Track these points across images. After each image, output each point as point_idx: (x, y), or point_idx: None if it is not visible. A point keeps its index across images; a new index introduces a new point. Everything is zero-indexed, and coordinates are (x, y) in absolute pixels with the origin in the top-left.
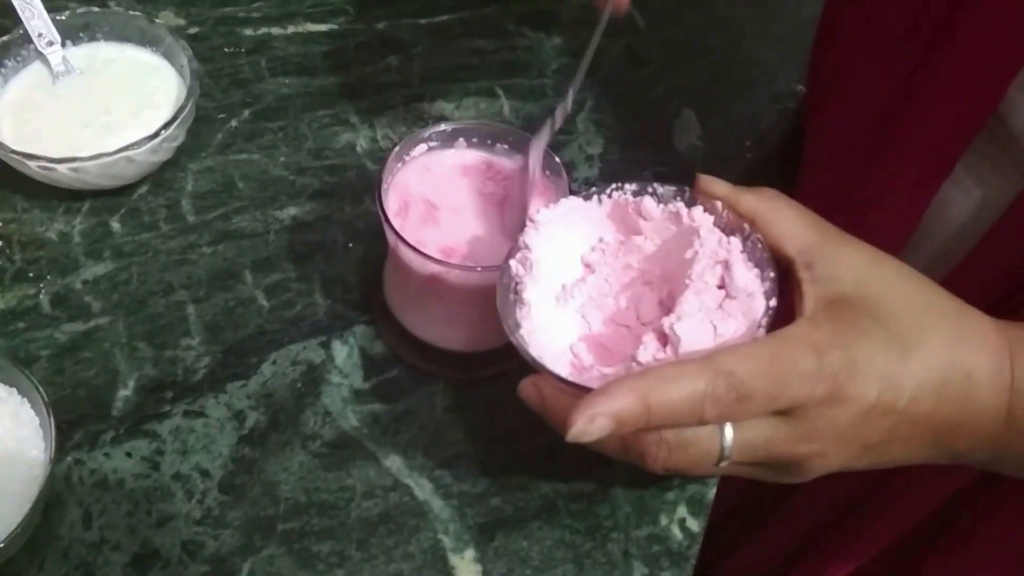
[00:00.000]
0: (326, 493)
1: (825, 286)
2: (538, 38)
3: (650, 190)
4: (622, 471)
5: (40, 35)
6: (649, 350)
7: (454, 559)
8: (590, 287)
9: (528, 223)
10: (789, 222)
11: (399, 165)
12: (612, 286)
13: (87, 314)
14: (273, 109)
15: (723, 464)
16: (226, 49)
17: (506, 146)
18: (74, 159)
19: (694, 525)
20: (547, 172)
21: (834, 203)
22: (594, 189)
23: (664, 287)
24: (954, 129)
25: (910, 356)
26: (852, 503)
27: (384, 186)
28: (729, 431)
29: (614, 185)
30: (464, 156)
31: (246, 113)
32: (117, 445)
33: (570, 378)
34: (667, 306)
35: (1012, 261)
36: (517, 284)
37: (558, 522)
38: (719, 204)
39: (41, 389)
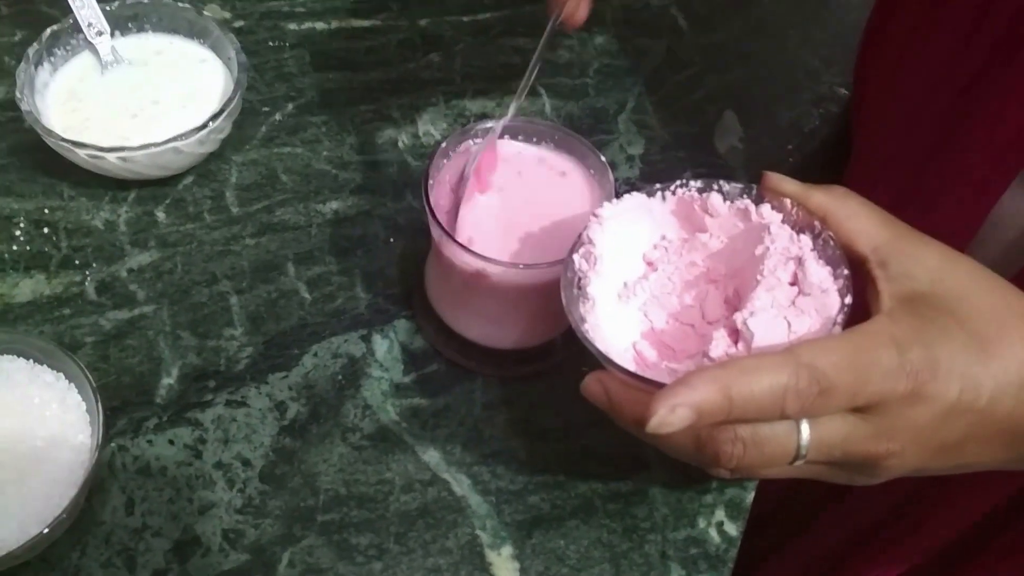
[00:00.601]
0: (365, 486)
1: (900, 283)
2: (580, 37)
3: (716, 187)
4: (660, 472)
5: (90, 25)
6: (721, 346)
7: (491, 555)
8: (653, 285)
9: (592, 218)
10: (861, 219)
11: (445, 161)
12: (676, 284)
13: (132, 302)
14: (316, 103)
15: (798, 463)
16: (271, 43)
17: (552, 144)
18: (123, 148)
19: (732, 529)
20: (591, 171)
21: (888, 208)
22: (658, 186)
23: (730, 285)
24: (1016, 136)
25: (990, 355)
26: (894, 510)
27: (430, 181)
28: (806, 428)
29: (679, 181)
30: (510, 153)
31: (290, 107)
32: (160, 432)
33: (636, 371)
34: (733, 304)
35: None
36: (580, 279)
37: (595, 522)
38: (788, 202)
39: (89, 375)
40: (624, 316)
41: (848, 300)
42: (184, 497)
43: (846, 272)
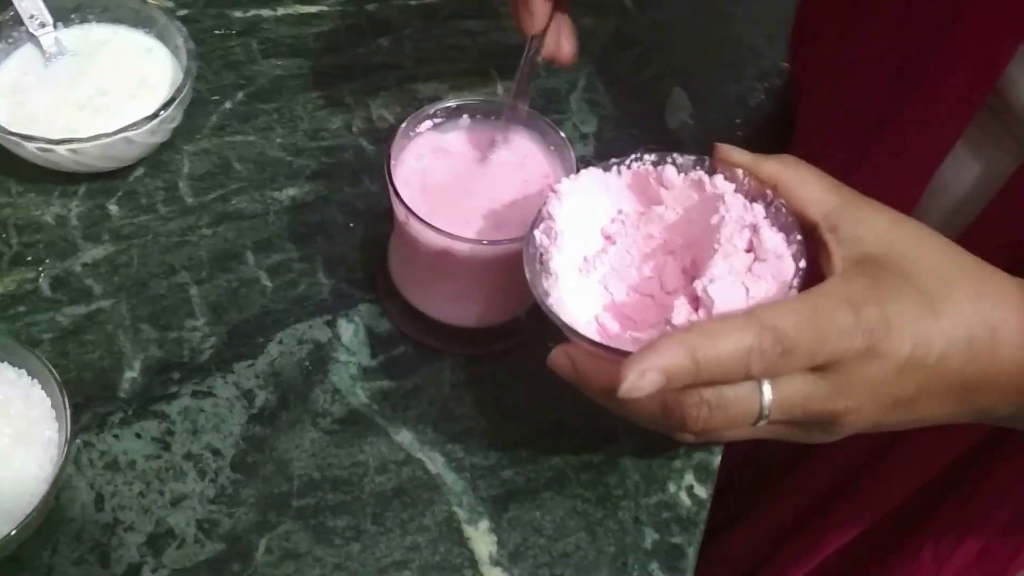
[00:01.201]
0: (339, 469)
1: (851, 247)
2: None
3: (670, 160)
4: (629, 442)
5: (32, 16)
6: (682, 313)
7: (469, 530)
8: (612, 258)
9: (551, 193)
10: (811, 187)
11: (406, 141)
12: (634, 256)
13: (88, 297)
14: (267, 91)
15: (760, 424)
16: (216, 31)
17: (510, 122)
18: (73, 140)
19: (702, 492)
20: (551, 147)
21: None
22: (614, 160)
23: (687, 255)
24: (955, 108)
25: (939, 313)
26: (858, 468)
27: (392, 161)
28: (768, 389)
29: (633, 156)
30: (470, 131)
31: (240, 95)
32: (126, 426)
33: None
34: (691, 274)
35: (1011, 236)
36: (543, 254)
37: (569, 492)
38: (740, 172)
39: (52, 369)
40: (586, 289)
41: (802, 264)
42: (155, 490)
43: (799, 238)
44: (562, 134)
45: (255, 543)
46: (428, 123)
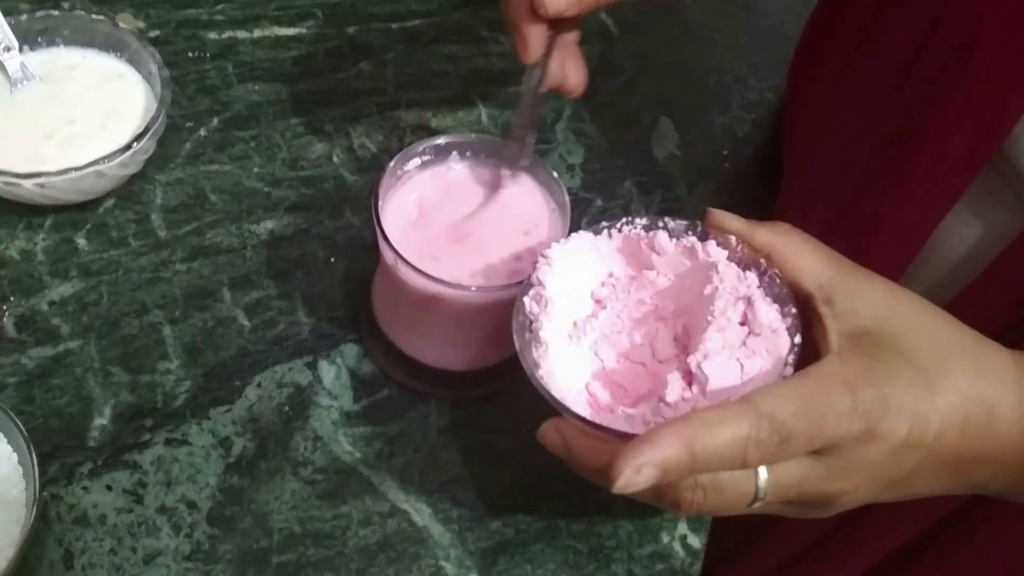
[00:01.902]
0: (321, 522)
1: (847, 321)
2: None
3: (661, 224)
4: None
5: None
6: (676, 390)
7: None
8: (602, 323)
9: (540, 259)
10: (806, 257)
11: (394, 180)
12: (624, 322)
13: (55, 338)
14: (243, 117)
15: (756, 505)
16: (190, 54)
17: (502, 160)
18: (40, 174)
19: (695, 541)
20: (543, 187)
21: (827, 229)
22: (604, 224)
23: (679, 323)
24: (958, 164)
25: (935, 391)
26: (845, 518)
27: (380, 201)
28: (764, 473)
29: (625, 219)
30: (460, 170)
31: (215, 121)
32: (96, 478)
33: (594, 419)
34: (683, 342)
35: (1013, 295)
36: (532, 322)
37: (560, 544)
38: (733, 239)
39: (19, 423)
40: (576, 357)
41: (797, 340)
42: (127, 546)
43: (794, 311)
44: (554, 173)
45: None
46: (416, 160)
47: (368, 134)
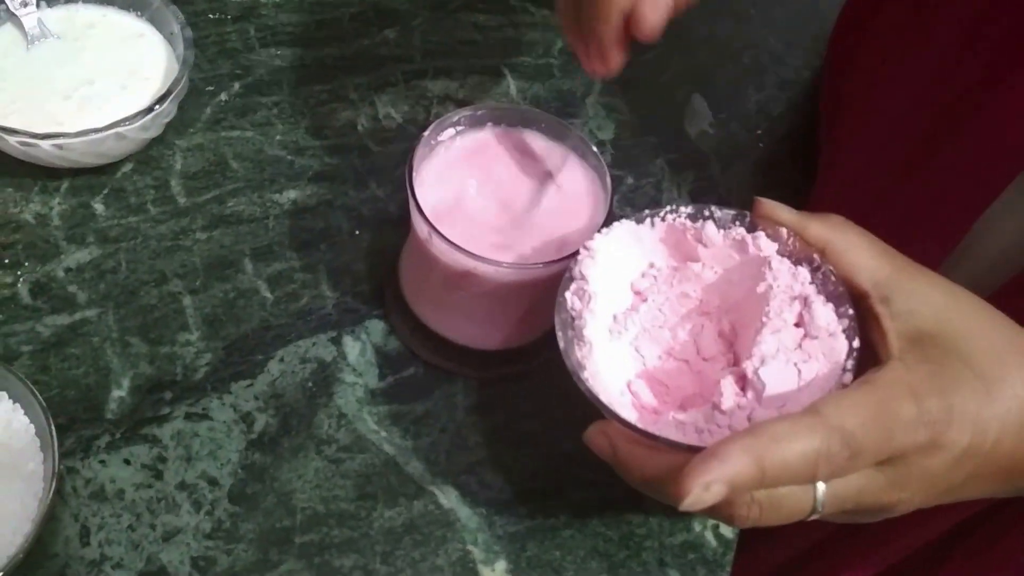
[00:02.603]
0: (345, 502)
1: (905, 322)
2: (542, 15)
3: (708, 213)
4: None
5: None
6: (730, 396)
7: (485, 571)
8: (643, 317)
9: (582, 250)
10: (861, 252)
11: (427, 150)
12: (667, 316)
13: (72, 305)
14: (266, 83)
15: (813, 517)
16: (211, 15)
17: (539, 132)
18: (59, 135)
19: (728, 531)
20: (582, 161)
21: (865, 215)
22: (647, 212)
23: (725, 319)
24: (1008, 155)
25: (994, 396)
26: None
27: (413, 173)
28: (823, 486)
29: (668, 207)
30: (495, 141)
31: (236, 86)
32: (114, 451)
33: (641, 424)
34: (728, 339)
35: None
36: (575, 319)
37: (590, 530)
38: (783, 231)
39: (37, 392)
40: (616, 354)
41: (856, 344)
42: (146, 523)
43: (850, 311)
44: (595, 149)
45: None
46: (451, 131)
47: (394, 104)
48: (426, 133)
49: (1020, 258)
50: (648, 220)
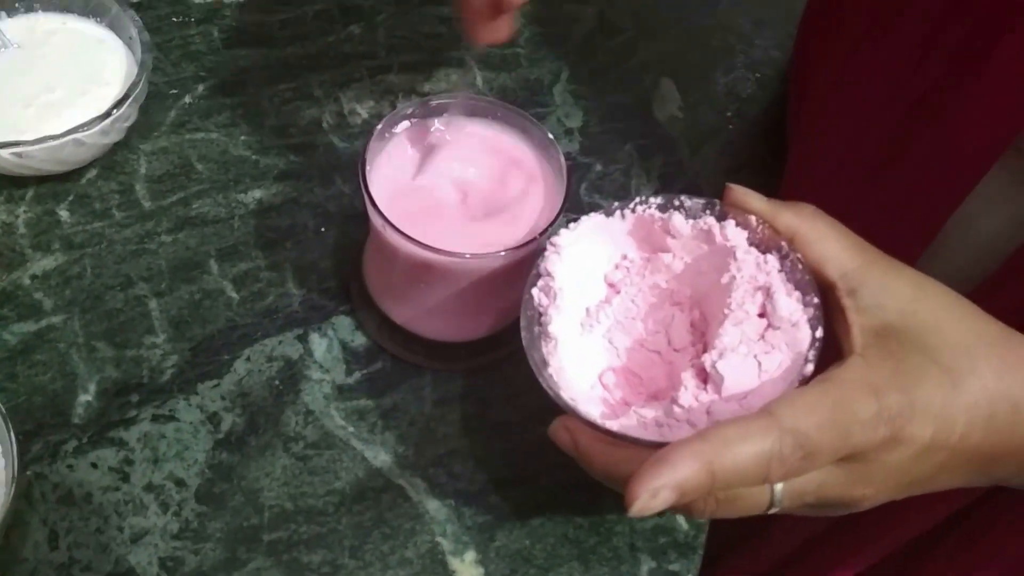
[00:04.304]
0: (313, 498)
1: (871, 315)
2: None
3: (677, 203)
4: None
5: None
6: (689, 391)
7: (454, 562)
8: (616, 309)
9: (548, 247)
10: (831, 243)
11: (381, 143)
12: (639, 307)
13: (38, 312)
14: (230, 83)
15: (772, 510)
16: (174, 19)
17: (494, 120)
18: (18, 143)
19: None
20: (537, 146)
21: (839, 210)
22: (616, 204)
23: (695, 309)
24: (979, 149)
25: (961, 391)
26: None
27: (368, 166)
28: (780, 484)
29: (638, 199)
30: (450, 132)
31: (200, 88)
32: (81, 455)
33: (605, 420)
34: (700, 329)
35: None
36: (541, 315)
37: (560, 517)
38: (753, 219)
39: None
40: (588, 347)
41: (819, 334)
42: (113, 526)
43: (816, 300)
44: (549, 134)
45: None
46: (405, 123)
47: (359, 99)
48: (379, 126)
49: (998, 253)
50: (618, 212)
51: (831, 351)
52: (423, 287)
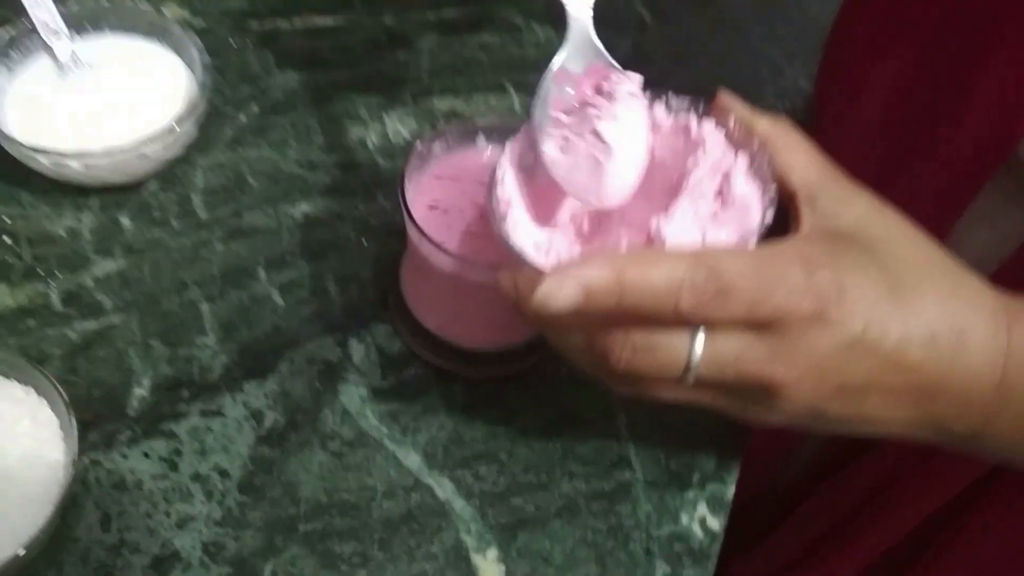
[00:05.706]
0: (347, 493)
1: (825, 220)
2: (547, 34)
3: (664, 97)
4: (642, 470)
5: (46, 26)
6: (626, 245)
7: (477, 559)
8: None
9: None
10: (799, 153)
11: (420, 161)
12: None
13: (99, 312)
14: (282, 104)
15: (689, 378)
16: (232, 43)
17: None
18: (86, 154)
19: (714, 524)
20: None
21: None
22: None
23: (664, 200)
24: (972, 167)
25: (903, 301)
26: (869, 497)
27: (406, 182)
28: (700, 338)
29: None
30: (486, 152)
31: (255, 108)
32: (134, 445)
33: (536, 262)
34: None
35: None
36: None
37: (580, 522)
38: (731, 121)
39: (61, 389)
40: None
41: (769, 216)
42: (161, 511)
43: (773, 194)
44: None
45: (261, 568)
46: (443, 143)
47: (402, 121)
48: (419, 145)
49: (988, 266)
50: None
51: None
52: (454, 298)
